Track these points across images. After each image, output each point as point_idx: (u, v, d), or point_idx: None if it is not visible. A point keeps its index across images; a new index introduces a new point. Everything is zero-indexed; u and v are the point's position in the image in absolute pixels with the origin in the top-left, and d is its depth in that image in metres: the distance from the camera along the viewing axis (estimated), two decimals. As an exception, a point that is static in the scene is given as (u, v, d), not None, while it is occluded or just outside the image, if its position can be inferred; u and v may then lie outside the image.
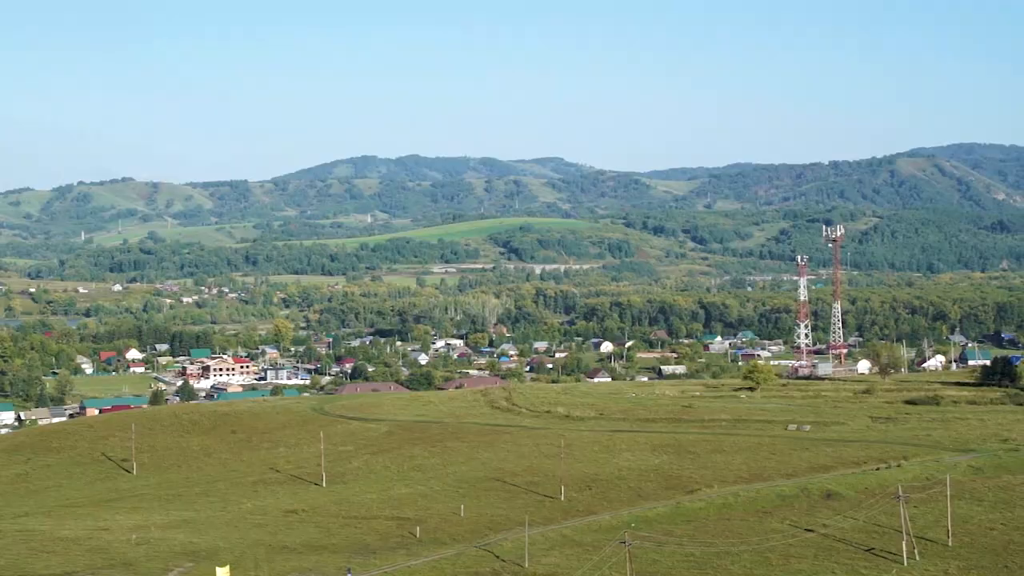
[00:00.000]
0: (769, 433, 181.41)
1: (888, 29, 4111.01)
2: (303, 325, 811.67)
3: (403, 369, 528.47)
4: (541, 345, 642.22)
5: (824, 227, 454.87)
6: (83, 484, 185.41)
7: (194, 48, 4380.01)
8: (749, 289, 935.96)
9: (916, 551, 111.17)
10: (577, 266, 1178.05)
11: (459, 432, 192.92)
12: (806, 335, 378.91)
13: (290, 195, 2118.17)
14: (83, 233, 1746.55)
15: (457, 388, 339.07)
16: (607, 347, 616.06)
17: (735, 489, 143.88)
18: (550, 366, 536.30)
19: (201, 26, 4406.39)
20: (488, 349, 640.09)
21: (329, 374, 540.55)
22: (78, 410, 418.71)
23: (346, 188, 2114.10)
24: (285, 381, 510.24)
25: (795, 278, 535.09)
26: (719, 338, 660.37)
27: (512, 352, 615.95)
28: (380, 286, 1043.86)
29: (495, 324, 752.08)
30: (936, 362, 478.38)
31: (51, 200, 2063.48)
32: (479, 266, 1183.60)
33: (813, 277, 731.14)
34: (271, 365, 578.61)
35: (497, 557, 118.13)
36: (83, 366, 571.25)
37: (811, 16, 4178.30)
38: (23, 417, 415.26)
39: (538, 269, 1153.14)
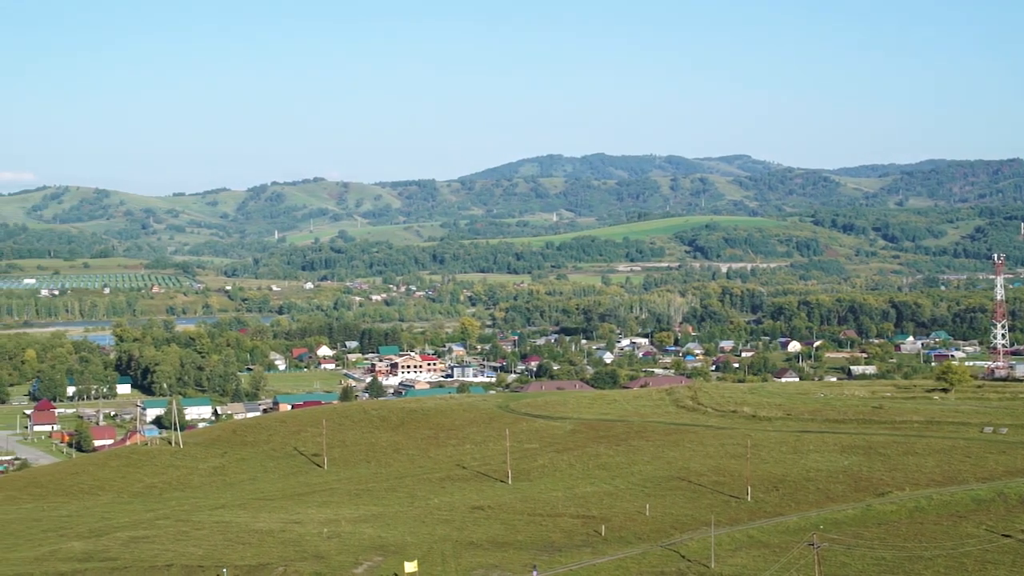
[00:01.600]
0: (963, 436, 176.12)
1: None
2: (489, 323, 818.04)
3: (588, 367, 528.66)
4: (727, 344, 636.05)
5: (1022, 224, 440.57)
6: (276, 478, 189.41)
7: (382, 50, 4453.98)
8: (943, 288, 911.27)
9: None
10: (764, 264, 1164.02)
11: (644, 431, 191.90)
12: (1003, 335, 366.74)
13: (476, 194, 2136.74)
14: (276, 232, 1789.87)
15: (642, 387, 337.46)
16: (794, 346, 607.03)
17: (928, 492, 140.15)
18: (736, 365, 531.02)
19: (386, 27, 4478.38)
20: (673, 348, 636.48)
21: (515, 372, 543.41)
22: (271, 405, 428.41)
23: (532, 187, 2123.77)
24: (471, 379, 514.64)
25: (991, 277, 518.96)
26: (911, 338, 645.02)
27: (698, 351, 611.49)
28: (565, 284, 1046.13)
29: (680, 323, 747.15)
30: None
31: (246, 200, 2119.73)
32: (664, 264, 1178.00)
33: (1011, 276, 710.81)
34: (458, 363, 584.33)
35: (683, 557, 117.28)
36: (276, 362, 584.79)
37: (1006, 7, 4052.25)
38: (219, 412, 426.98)
39: (724, 268, 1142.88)
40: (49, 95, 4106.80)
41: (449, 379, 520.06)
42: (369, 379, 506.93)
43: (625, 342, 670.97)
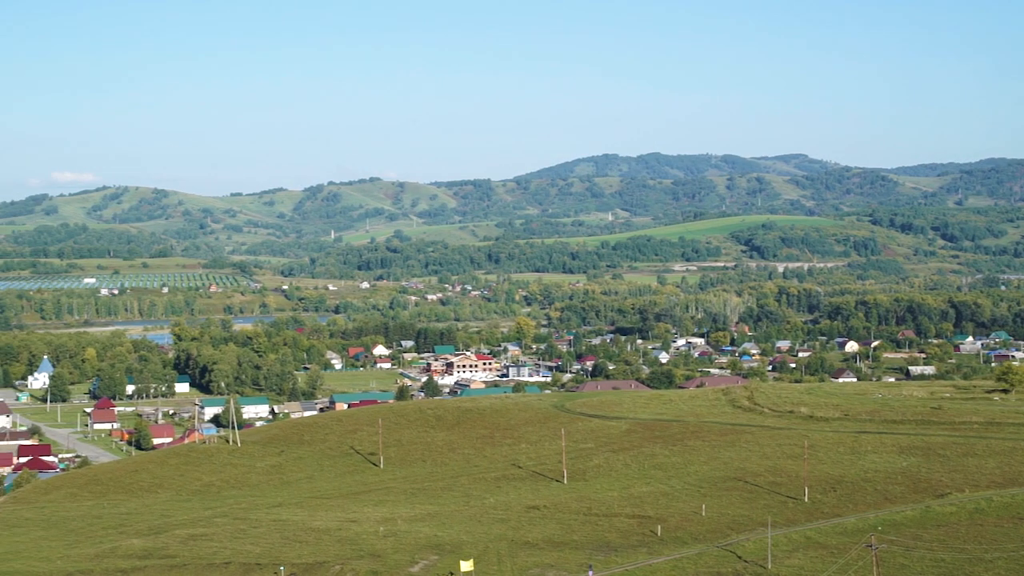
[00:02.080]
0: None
1: None
2: (544, 323, 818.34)
3: (644, 367, 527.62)
4: (784, 344, 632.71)
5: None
6: (333, 476, 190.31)
7: (438, 51, 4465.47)
8: (1003, 288, 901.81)
9: None
10: (821, 264, 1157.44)
11: (700, 431, 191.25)
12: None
13: (532, 194, 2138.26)
14: (332, 232, 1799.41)
15: (698, 387, 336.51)
16: (852, 347, 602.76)
17: (988, 494, 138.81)
18: (793, 365, 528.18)
19: (441, 28, 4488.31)
20: (729, 348, 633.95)
21: (570, 371, 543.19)
22: (328, 404, 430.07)
23: (587, 186, 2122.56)
24: (527, 378, 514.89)
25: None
26: (970, 338, 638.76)
27: (754, 351, 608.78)
28: (621, 284, 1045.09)
29: (737, 323, 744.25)
30: None
31: (303, 200, 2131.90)
32: (720, 264, 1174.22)
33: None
34: (513, 362, 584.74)
35: (739, 558, 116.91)
36: (332, 361, 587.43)
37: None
38: (276, 410, 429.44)
39: (781, 267, 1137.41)
40: (109, 97, 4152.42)
41: (504, 379, 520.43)
42: (425, 378, 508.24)
43: (681, 342, 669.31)
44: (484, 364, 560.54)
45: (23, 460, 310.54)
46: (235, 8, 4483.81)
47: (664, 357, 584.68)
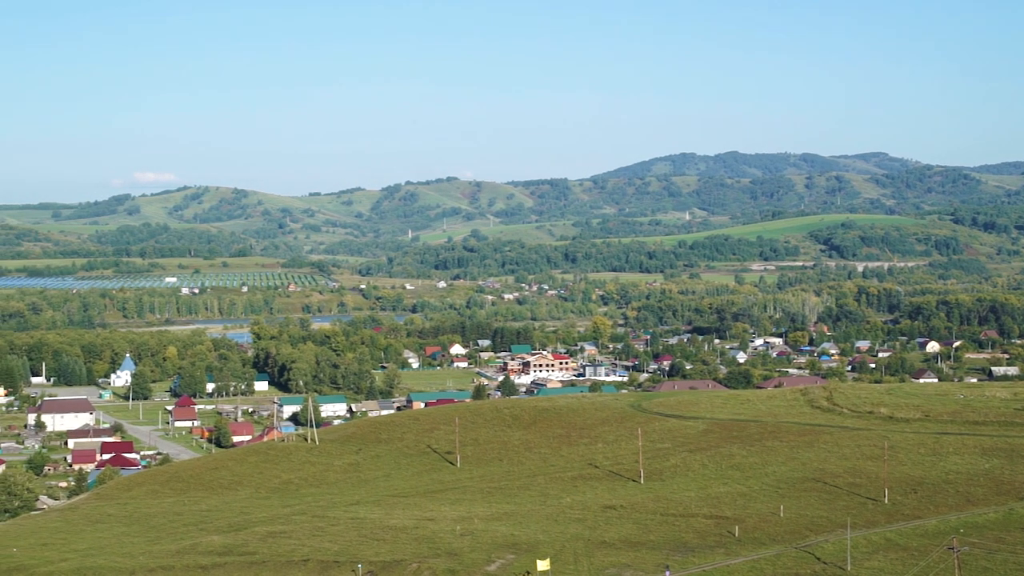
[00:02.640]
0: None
1: None
2: (621, 322, 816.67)
3: (721, 367, 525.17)
4: (863, 344, 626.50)
5: None
6: (410, 475, 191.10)
7: (515, 51, 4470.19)
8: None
9: None
10: (901, 264, 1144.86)
11: (778, 431, 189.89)
12: None
13: (609, 193, 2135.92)
14: (410, 231, 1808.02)
15: (776, 387, 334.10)
16: (933, 347, 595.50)
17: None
18: (872, 366, 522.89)
19: (517, 27, 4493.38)
20: (808, 348, 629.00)
21: (647, 371, 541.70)
22: (405, 403, 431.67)
23: (664, 186, 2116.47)
24: (603, 378, 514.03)
25: None
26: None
27: (833, 351, 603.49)
28: (698, 283, 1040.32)
29: (815, 322, 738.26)
30: None
31: (380, 199, 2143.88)
32: (799, 263, 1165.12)
33: None
34: (589, 362, 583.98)
35: (818, 559, 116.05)
36: (409, 360, 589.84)
37: None
38: (354, 409, 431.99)
39: (860, 267, 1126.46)
40: (189, 98, 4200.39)
41: (581, 378, 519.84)
42: (501, 377, 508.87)
43: (759, 342, 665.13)
44: (560, 363, 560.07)
45: (106, 457, 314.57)
46: (315, 10, 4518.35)
47: (742, 357, 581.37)
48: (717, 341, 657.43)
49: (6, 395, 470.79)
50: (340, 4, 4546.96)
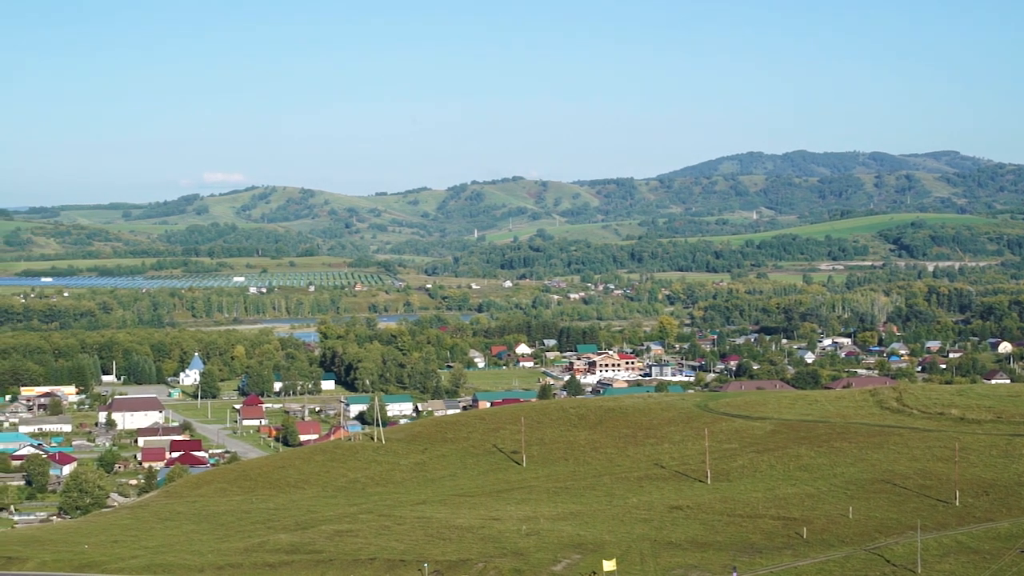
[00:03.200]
0: None
1: None
2: (687, 322, 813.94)
3: (788, 367, 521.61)
4: (933, 344, 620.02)
5: None
6: (476, 474, 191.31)
7: (581, 50, 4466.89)
8: None
9: None
10: (973, 263, 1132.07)
11: (847, 432, 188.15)
12: None
13: (675, 192, 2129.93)
14: (475, 231, 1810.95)
15: (845, 387, 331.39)
16: (1005, 347, 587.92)
17: None
18: (943, 366, 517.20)
19: (584, 25, 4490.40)
20: (877, 348, 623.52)
21: (713, 371, 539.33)
22: (471, 403, 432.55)
23: (731, 185, 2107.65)
24: (669, 377, 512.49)
25: None
26: None
27: (902, 351, 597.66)
28: (765, 283, 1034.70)
29: (884, 322, 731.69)
30: None
31: (446, 199, 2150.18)
32: (868, 263, 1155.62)
33: None
34: (656, 361, 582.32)
35: (887, 561, 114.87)
36: (475, 360, 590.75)
37: None
38: (420, 408, 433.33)
39: (930, 266, 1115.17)
40: (257, 99, 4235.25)
41: (647, 378, 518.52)
42: (567, 377, 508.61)
43: (827, 342, 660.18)
44: (626, 363, 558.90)
45: (175, 455, 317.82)
46: (380, 12, 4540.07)
47: (810, 357, 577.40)
48: (785, 341, 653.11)
49: (77, 393, 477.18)
50: (402, 5, 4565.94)
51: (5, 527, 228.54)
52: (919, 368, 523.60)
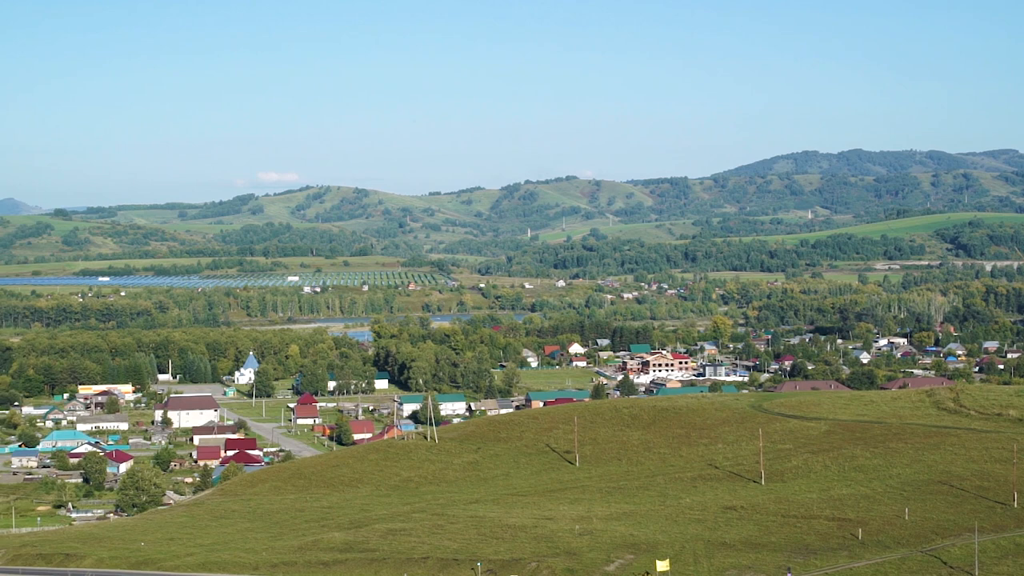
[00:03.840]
0: None
1: None
2: (741, 322, 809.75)
3: (844, 367, 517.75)
4: (991, 345, 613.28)
5: None
6: (529, 474, 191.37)
7: (635, 49, 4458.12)
8: None
9: None
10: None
11: (903, 433, 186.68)
12: None
13: (729, 191, 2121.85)
14: (529, 230, 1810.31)
15: (900, 388, 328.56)
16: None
17: None
18: (1001, 367, 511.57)
19: (645, 27, 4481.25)
20: (933, 348, 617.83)
21: (768, 371, 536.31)
22: (524, 402, 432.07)
23: (786, 184, 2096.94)
24: (723, 377, 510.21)
25: None
26: None
27: (959, 352, 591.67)
28: (820, 283, 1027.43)
29: (941, 322, 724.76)
30: None
31: (500, 199, 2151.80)
32: (924, 263, 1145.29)
33: None
34: (709, 361, 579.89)
35: (944, 563, 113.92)
36: (528, 359, 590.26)
37: None
38: (473, 408, 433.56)
39: (988, 266, 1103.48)
40: (312, 99, 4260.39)
41: (701, 378, 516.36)
42: (620, 377, 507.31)
43: (883, 342, 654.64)
44: (680, 363, 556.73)
45: (230, 453, 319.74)
46: (435, 12, 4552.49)
47: (865, 357, 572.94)
48: (840, 341, 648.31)
49: (134, 392, 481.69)
50: (458, 6, 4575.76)
51: (63, 524, 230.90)
52: (976, 369, 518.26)
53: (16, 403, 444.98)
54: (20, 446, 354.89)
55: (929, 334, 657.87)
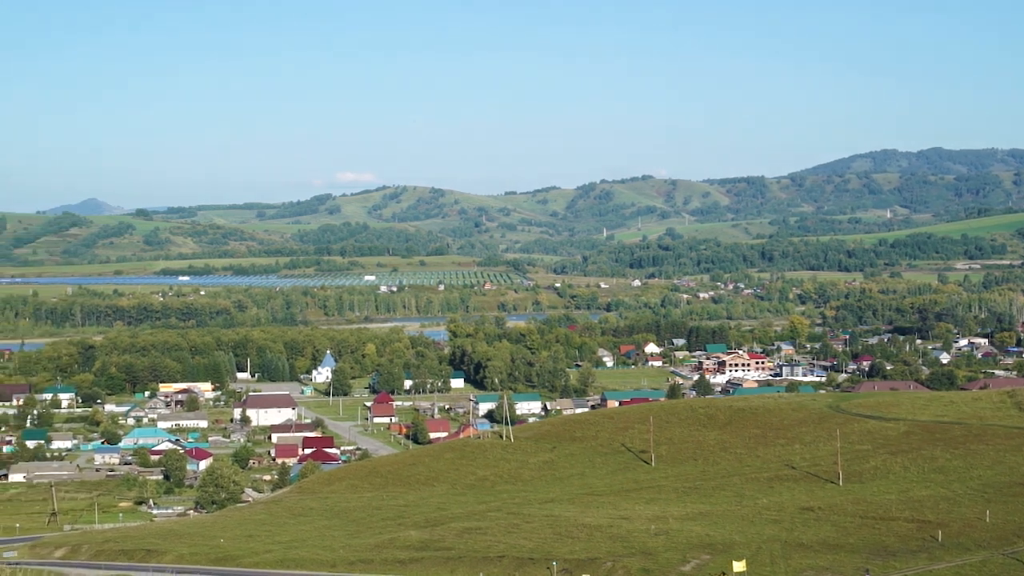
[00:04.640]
0: None
1: None
2: (819, 322, 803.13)
3: (923, 368, 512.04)
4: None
5: None
6: (604, 473, 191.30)
7: (710, 48, 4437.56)
8: None
9: None
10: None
11: (983, 434, 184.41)
12: None
13: (807, 191, 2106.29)
14: (604, 230, 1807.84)
15: (981, 388, 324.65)
16: None
17: None
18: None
19: (726, 25, 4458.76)
20: (1015, 349, 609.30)
21: (845, 371, 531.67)
22: (599, 401, 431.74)
23: (864, 183, 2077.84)
24: (800, 378, 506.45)
25: None
26: None
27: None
28: (899, 283, 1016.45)
29: (1023, 323, 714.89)
30: None
31: (575, 198, 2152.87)
32: (1006, 262, 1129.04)
33: None
34: (786, 361, 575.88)
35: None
36: (604, 359, 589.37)
37: None
38: (548, 407, 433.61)
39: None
40: (388, 99, 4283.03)
41: (777, 378, 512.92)
42: (696, 377, 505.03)
43: (963, 342, 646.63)
44: (756, 363, 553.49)
45: (308, 451, 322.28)
46: (505, 12, 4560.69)
47: (945, 358, 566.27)
48: (919, 341, 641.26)
49: (213, 390, 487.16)
50: (532, 6, 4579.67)
51: (144, 520, 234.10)
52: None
53: (99, 400, 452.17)
54: (103, 443, 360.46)
55: (1011, 334, 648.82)
